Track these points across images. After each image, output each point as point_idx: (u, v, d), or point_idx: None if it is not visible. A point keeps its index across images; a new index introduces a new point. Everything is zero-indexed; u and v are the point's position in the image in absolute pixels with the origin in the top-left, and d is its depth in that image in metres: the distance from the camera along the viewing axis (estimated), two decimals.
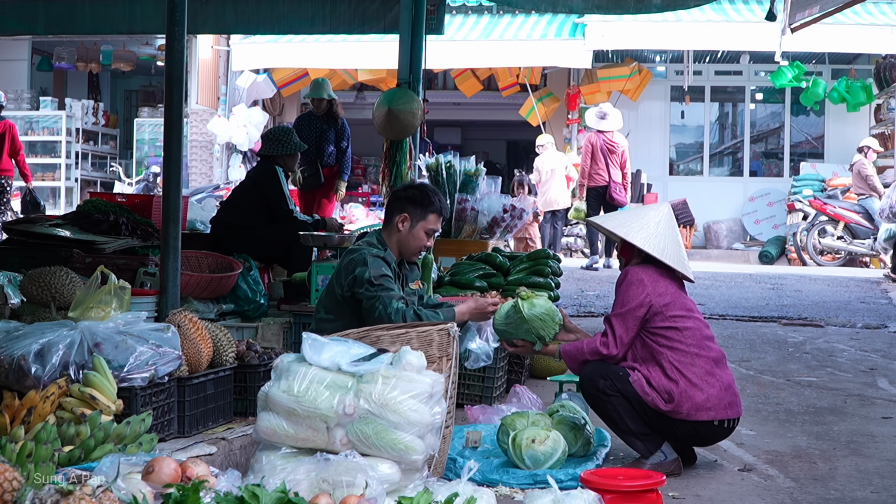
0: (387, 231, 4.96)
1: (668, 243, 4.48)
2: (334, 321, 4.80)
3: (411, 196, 4.93)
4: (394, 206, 4.95)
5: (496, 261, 6.80)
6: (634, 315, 4.36)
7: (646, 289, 4.36)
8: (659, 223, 4.52)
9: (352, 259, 4.83)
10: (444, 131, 23.55)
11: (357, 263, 4.79)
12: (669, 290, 4.41)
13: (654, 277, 4.41)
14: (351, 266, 4.81)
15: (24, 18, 9.17)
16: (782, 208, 18.12)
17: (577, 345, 4.49)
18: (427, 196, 4.91)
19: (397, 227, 4.90)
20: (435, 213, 4.92)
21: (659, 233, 4.49)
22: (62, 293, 4.61)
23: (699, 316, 4.46)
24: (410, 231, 4.90)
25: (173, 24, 4.99)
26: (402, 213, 4.90)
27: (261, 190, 7.45)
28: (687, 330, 4.35)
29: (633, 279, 4.41)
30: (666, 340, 4.33)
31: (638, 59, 18.85)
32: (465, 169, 8.43)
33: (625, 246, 4.58)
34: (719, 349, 4.45)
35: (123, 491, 3.10)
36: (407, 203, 4.91)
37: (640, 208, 4.78)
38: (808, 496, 4.08)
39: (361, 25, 8.69)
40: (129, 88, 23.11)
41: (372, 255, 4.80)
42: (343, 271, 4.84)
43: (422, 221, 4.90)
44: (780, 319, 9.46)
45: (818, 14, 8.79)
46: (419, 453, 3.55)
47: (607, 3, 7.91)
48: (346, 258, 4.88)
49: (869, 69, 18.22)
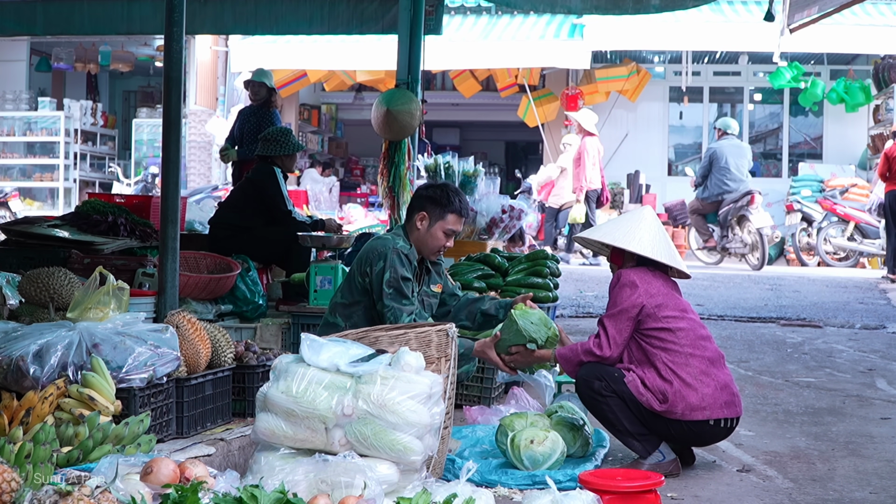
0: (409, 226, 4.91)
1: (657, 242, 4.51)
2: (350, 305, 4.82)
3: (432, 195, 4.85)
4: (414, 204, 4.90)
5: (495, 261, 6.80)
6: (627, 315, 4.37)
7: (637, 290, 4.38)
8: (642, 224, 4.55)
9: (375, 249, 4.78)
10: (442, 132, 23.57)
11: (379, 257, 4.74)
12: (662, 291, 4.42)
13: (646, 279, 4.43)
14: (373, 256, 4.76)
15: (22, 19, 9.17)
16: (781, 209, 18.12)
17: (571, 347, 4.51)
18: (448, 196, 4.83)
19: (416, 226, 4.84)
20: (454, 213, 4.83)
21: (646, 234, 4.51)
22: (61, 294, 4.60)
23: (694, 316, 4.46)
24: (429, 230, 4.82)
25: (172, 25, 4.99)
26: (422, 211, 4.83)
27: (259, 191, 7.44)
28: (680, 331, 4.36)
29: (625, 281, 4.43)
30: (659, 342, 4.34)
31: (636, 60, 18.85)
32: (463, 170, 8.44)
33: (615, 253, 4.59)
34: (716, 349, 4.46)
35: (122, 492, 3.10)
36: (427, 202, 4.84)
37: (622, 216, 4.79)
38: (807, 497, 4.08)
39: (360, 26, 8.68)
40: (127, 89, 23.11)
41: (396, 249, 4.74)
42: (364, 259, 4.80)
43: (440, 221, 4.82)
44: (778, 320, 9.46)
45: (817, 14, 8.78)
46: (418, 454, 3.55)
47: (606, 3, 7.91)
48: (369, 245, 4.84)
49: (868, 70, 18.23)
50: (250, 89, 10.24)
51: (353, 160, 23.89)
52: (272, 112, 10.02)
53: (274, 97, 10.21)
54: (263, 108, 10.05)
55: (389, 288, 4.69)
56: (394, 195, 7.72)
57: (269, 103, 10.11)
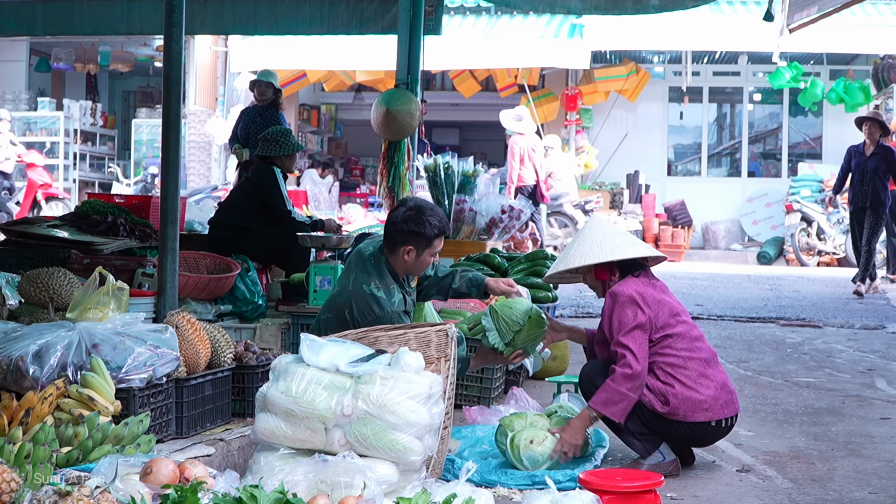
0: (391, 256, 4.79)
1: (626, 241, 4.51)
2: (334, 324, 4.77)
3: (414, 230, 4.71)
4: (396, 239, 4.75)
5: (494, 262, 6.81)
6: (642, 330, 4.32)
7: (638, 305, 4.34)
8: (602, 232, 4.53)
9: (362, 297, 4.68)
10: (442, 132, 23.57)
11: (370, 303, 4.66)
12: (655, 298, 4.39)
13: (640, 291, 4.38)
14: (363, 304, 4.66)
15: (22, 19, 9.17)
16: (780, 209, 18.14)
17: (604, 390, 4.30)
18: (428, 223, 4.71)
19: (403, 259, 4.76)
20: (439, 236, 4.78)
21: (610, 239, 4.49)
22: (60, 294, 4.60)
23: (685, 318, 4.44)
24: (418, 259, 4.77)
25: (171, 25, 4.98)
26: (407, 245, 4.73)
27: (259, 191, 7.44)
28: (676, 336, 4.35)
29: (622, 300, 4.36)
30: (658, 348, 4.34)
31: (636, 60, 18.86)
32: (463, 170, 8.44)
33: (598, 270, 4.52)
34: (709, 347, 4.46)
35: (121, 492, 3.10)
36: (411, 236, 4.72)
37: (576, 236, 4.63)
38: (807, 497, 4.08)
39: (359, 26, 8.68)
40: (127, 89, 23.10)
41: (375, 297, 4.67)
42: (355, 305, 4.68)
43: (428, 249, 4.76)
44: (778, 320, 9.47)
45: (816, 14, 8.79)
46: (417, 454, 3.55)
47: (605, 3, 7.91)
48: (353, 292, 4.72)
49: (867, 70, 18.24)
50: (256, 90, 10.24)
51: (352, 160, 23.90)
52: (279, 114, 10.04)
53: (280, 98, 10.23)
54: (270, 109, 10.07)
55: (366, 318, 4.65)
56: (393, 195, 7.72)
57: (276, 104, 10.13)
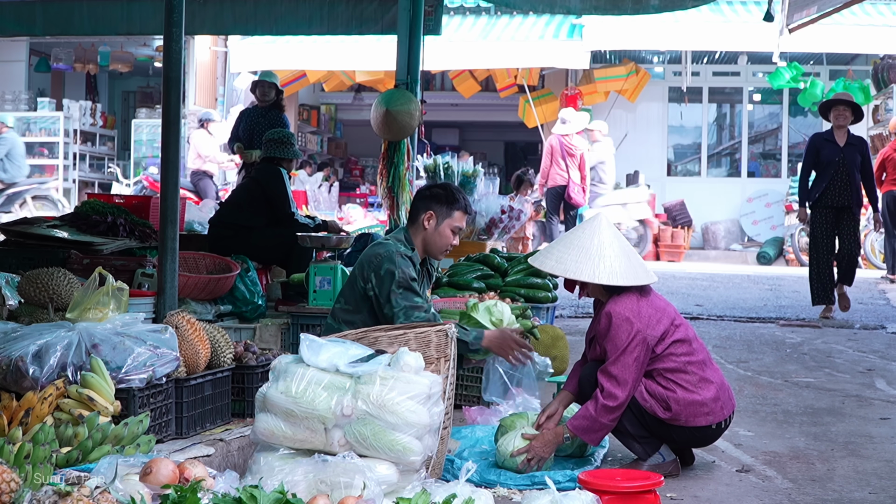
0: (412, 229, 4.89)
1: (620, 262, 4.35)
2: (353, 312, 4.78)
3: (436, 194, 4.88)
4: (419, 205, 4.89)
5: (494, 262, 6.81)
6: (637, 350, 4.25)
7: (634, 326, 4.27)
8: (601, 245, 4.37)
9: (377, 254, 4.75)
10: (442, 132, 23.57)
11: (384, 260, 4.71)
12: (650, 311, 4.33)
13: (635, 308, 4.31)
14: (377, 262, 4.72)
15: (21, 19, 9.17)
16: (780, 209, 18.13)
17: (585, 417, 4.27)
18: (452, 194, 4.88)
19: (423, 226, 4.84)
20: (461, 210, 4.88)
21: (608, 256, 4.35)
22: (60, 294, 4.60)
23: (680, 322, 4.42)
24: (437, 229, 4.84)
25: (171, 25, 4.98)
26: (428, 210, 4.84)
27: (264, 191, 7.45)
28: (676, 342, 4.35)
29: (617, 321, 4.29)
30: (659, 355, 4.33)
31: (636, 60, 18.85)
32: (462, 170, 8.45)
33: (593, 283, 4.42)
34: (703, 346, 4.45)
35: (121, 492, 3.10)
36: (432, 201, 4.85)
37: (574, 237, 4.47)
38: (806, 497, 4.08)
39: (359, 26, 8.68)
40: (126, 89, 23.09)
41: (400, 252, 4.73)
42: (366, 265, 4.76)
43: (448, 219, 4.84)
44: (778, 320, 9.47)
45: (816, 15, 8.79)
46: (417, 454, 3.55)
47: (605, 3, 7.91)
48: (370, 251, 4.81)
49: (867, 70, 18.23)
50: (259, 91, 10.22)
51: (352, 160, 23.90)
52: (283, 116, 10.04)
53: (282, 99, 10.23)
54: (273, 110, 10.06)
55: (399, 288, 4.65)
56: (393, 195, 7.72)
57: (279, 105, 10.12)
